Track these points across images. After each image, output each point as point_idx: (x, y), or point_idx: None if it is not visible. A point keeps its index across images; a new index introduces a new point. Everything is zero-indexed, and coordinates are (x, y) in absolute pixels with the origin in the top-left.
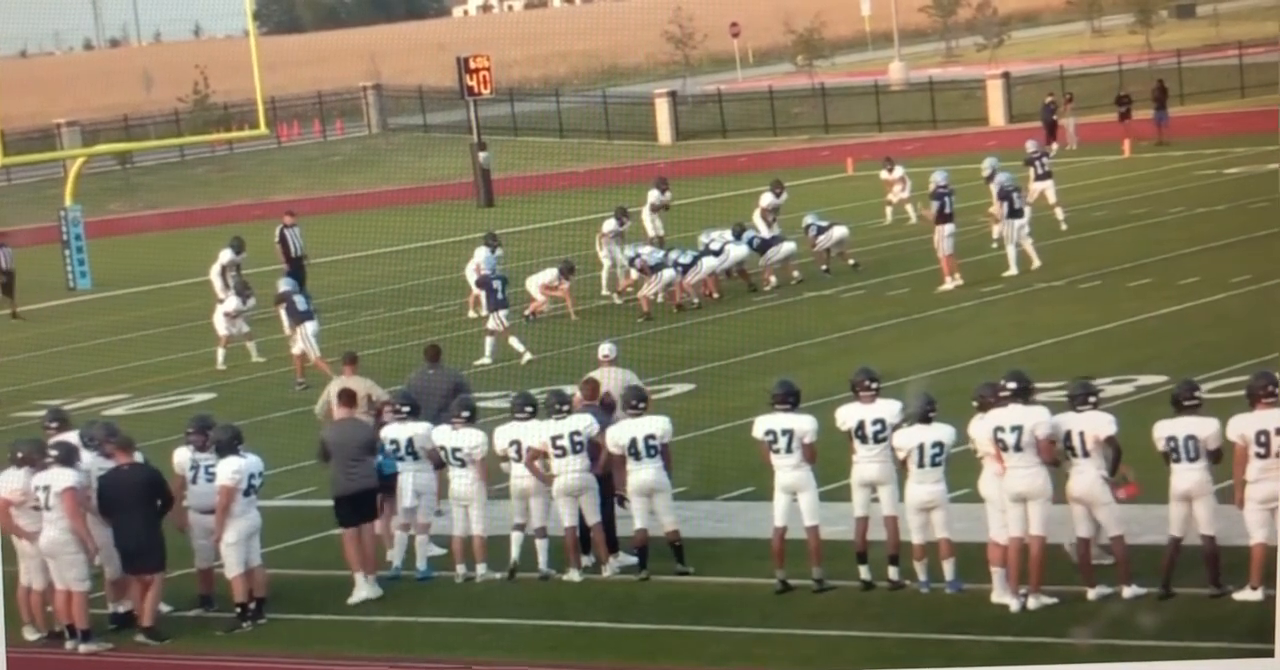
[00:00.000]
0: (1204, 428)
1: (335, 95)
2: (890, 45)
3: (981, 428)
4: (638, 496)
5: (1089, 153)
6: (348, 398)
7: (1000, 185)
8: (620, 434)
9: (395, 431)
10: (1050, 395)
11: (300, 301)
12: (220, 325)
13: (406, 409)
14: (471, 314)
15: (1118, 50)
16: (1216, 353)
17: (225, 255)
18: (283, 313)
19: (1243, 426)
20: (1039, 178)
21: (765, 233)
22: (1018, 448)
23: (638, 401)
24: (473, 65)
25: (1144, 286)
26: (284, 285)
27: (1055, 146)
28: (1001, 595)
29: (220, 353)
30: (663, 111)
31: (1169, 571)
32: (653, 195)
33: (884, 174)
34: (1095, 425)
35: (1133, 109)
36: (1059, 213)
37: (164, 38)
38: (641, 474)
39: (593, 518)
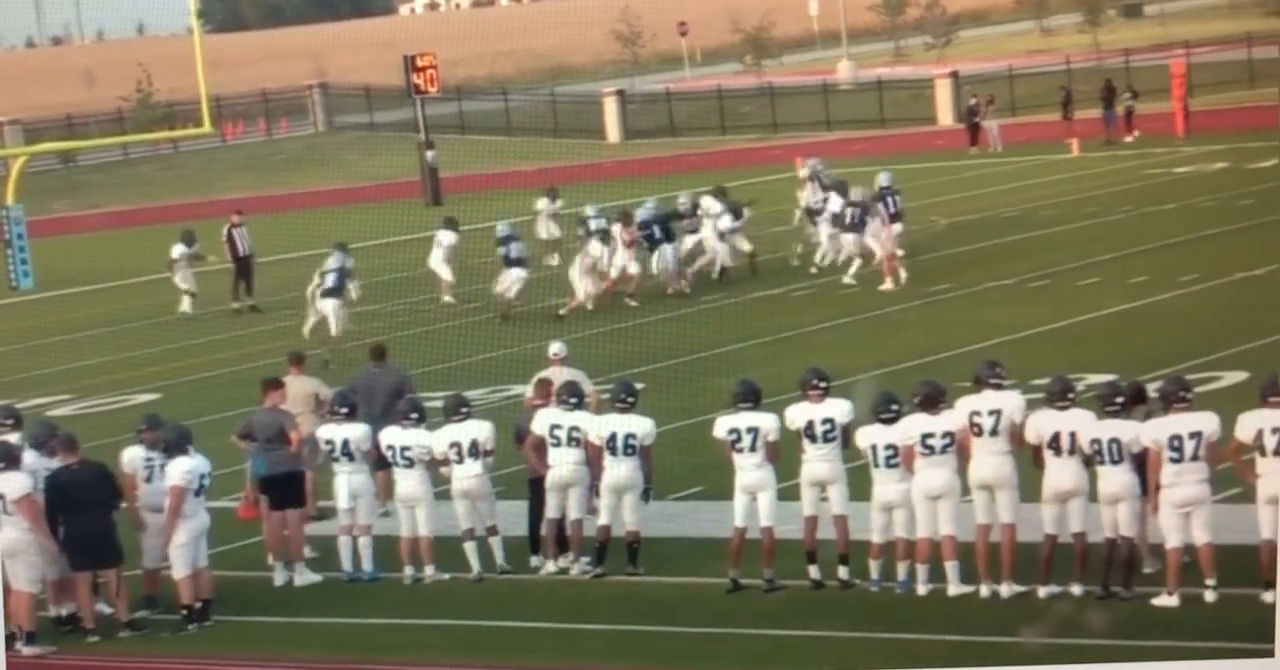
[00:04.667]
0: (1127, 431)
1: (280, 93)
2: (838, 44)
3: (958, 412)
4: (608, 493)
5: (1037, 152)
6: (274, 385)
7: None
8: (603, 427)
9: (331, 432)
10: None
11: (331, 279)
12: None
13: (344, 410)
14: (447, 298)
15: (1066, 50)
16: (1166, 352)
17: (177, 250)
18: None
19: (1155, 431)
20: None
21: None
22: (994, 432)
23: (626, 396)
24: (419, 63)
25: (1093, 285)
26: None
27: (976, 149)
28: (958, 587)
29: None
30: (611, 110)
31: (1107, 571)
32: (542, 203)
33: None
34: (1079, 424)
35: (1074, 108)
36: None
37: (107, 36)
38: (616, 471)
39: (575, 513)
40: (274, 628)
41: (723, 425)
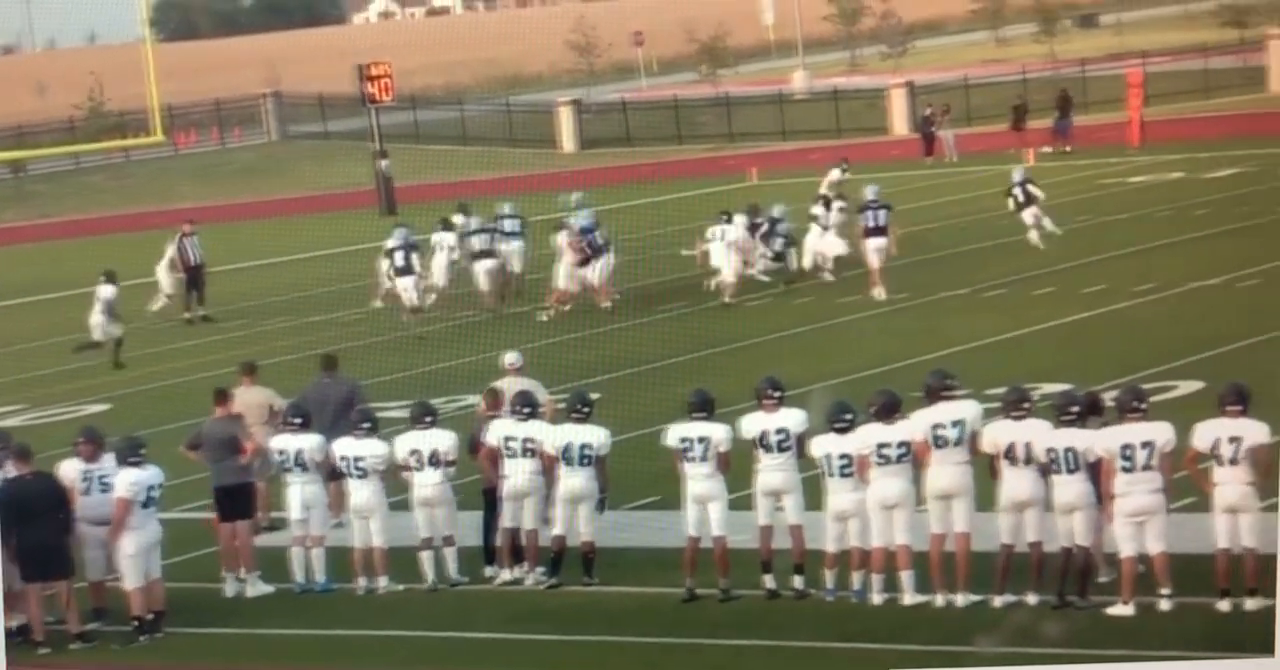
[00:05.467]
0: (1082, 440)
1: (234, 102)
2: (794, 54)
3: (916, 423)
4: (563, 503)
5: (992, 162)
6: (222, 396)
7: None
8: (558, 437)
9: (285, 443)
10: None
11: (399, 257)
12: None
13: (298, 421)
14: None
15: (1021, 59)
16: (1121, 361)
17: (171, 249)
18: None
19: (1107, 440)
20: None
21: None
22: (958, 442)
23: (582, 406)
24: (373, 72)
25: (1049, 295)
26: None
27: (931, 159)
28: (914, 597)
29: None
30: (566, 120)
31: (1063, 580)
32: (456, 219)
33: (836, 174)
34: (1034, 434)
35: (1028, 118)
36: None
37: (58, 45)
38: (571, 481)
39: (530, 523)
40: (226, 639)
41: (674, 433)
